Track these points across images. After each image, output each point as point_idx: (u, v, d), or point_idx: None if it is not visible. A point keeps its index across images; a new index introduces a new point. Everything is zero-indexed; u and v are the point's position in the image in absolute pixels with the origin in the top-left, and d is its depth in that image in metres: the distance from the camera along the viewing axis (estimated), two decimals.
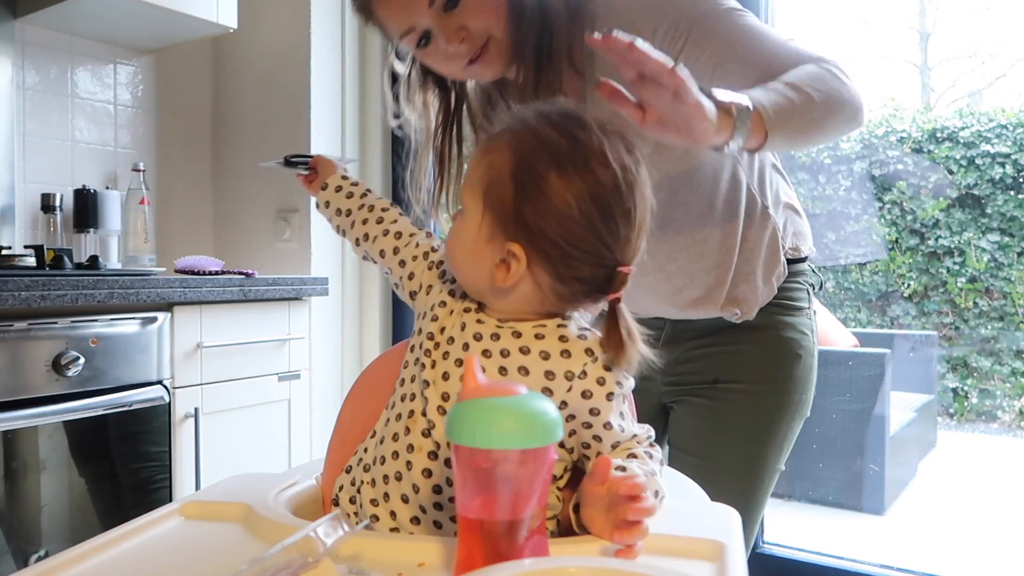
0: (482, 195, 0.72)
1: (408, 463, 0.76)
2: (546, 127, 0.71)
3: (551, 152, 0.70)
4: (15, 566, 1.52)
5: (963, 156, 3.36)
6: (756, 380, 1.16)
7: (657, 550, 0.66)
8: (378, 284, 2.46)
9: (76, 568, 0.64)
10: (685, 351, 1.19)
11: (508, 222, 0.71)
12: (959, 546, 2.80)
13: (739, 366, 1.16)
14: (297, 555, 0.56)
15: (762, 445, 1.16)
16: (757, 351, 1.16)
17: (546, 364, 0.73)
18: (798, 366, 1.16)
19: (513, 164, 0.71)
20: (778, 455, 1.18)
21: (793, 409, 1.17)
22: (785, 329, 1.16)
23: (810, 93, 0.90)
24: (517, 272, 0.71)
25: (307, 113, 2.32)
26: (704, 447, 1.19)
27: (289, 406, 2.11)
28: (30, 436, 1.55)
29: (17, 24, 2.08)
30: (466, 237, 0.74)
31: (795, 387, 1.16)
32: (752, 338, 1.16)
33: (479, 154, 0.75)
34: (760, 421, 1.16)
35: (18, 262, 1.73)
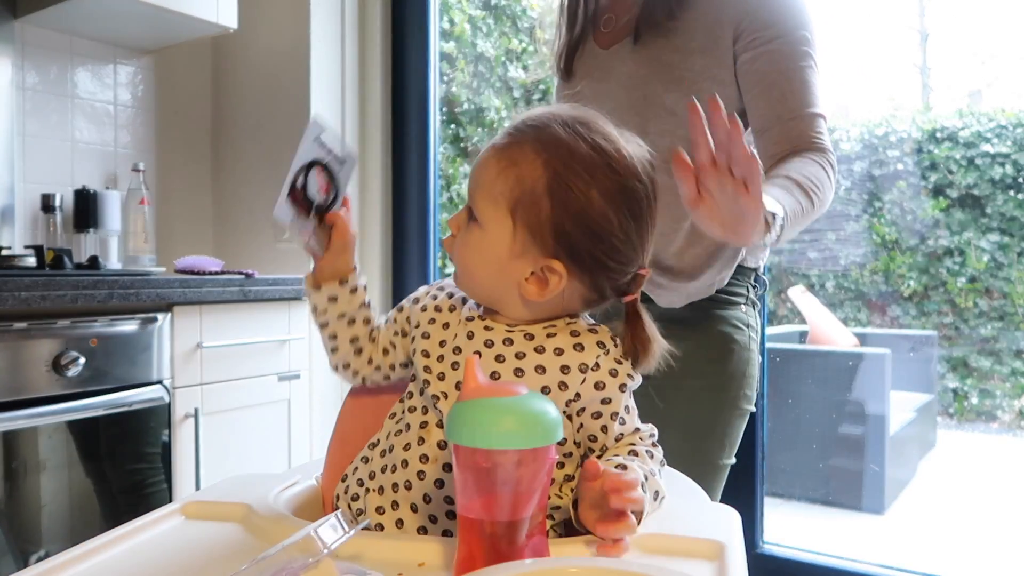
0: (509, 210, 0.72)
1: (420, 472, 0.75)
2: (574, 139, 0.72)
3: (588, 169, 0.71)
4: (15, 566, 1.52)
5: (963, 156, 3.36)
6: (688, 375, 1.09)
7: (657, 550, 0.66)
8: (378, 285, 2.46)
9: (76, 568, 0.64)
10: None
11: (547, 239, 0.72)
12: (959, 546, 2.80)
13: (670, 359, 1.15)
14: (297, 555, 0.56)
15: (700, 440, 1.15)
16: (688, 345, 1.11)
17: (560, 359, 0.74)
18: (731, 360, 1.15)
19: (548, 180, 0.71)
20: (719, 451, 1.16)
21: (728, 403, 1.15)
22: (717, 323, 1.15)
23: (814, 202, 1.00)
24: (557, 287, 0.73)
25: (307, 113, 2.31)
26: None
27: (289, 406, 2.11)
28: (30, 436, 1.55)
29: (17, 24, 2.08)
30: (489, 251, 0.74)
31: (728, 381, 1.15)
32: (684, 333, 1.10)
33: (497, 160, 0.73)
34: (694, 416, 1.14)
35: (18, 262, 1.73)
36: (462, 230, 0.77)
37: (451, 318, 0.80)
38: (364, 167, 2.47)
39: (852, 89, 3.79)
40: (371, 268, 2.46)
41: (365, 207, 2.47)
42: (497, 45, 2.65)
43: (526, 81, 2.61)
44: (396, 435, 0.79)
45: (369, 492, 0.79)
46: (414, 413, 0.79)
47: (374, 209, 2.46)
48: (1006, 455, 3.48)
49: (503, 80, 2.65)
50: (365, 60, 2.44)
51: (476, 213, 0.75)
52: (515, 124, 0.76)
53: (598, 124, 0.74)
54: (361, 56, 2.45)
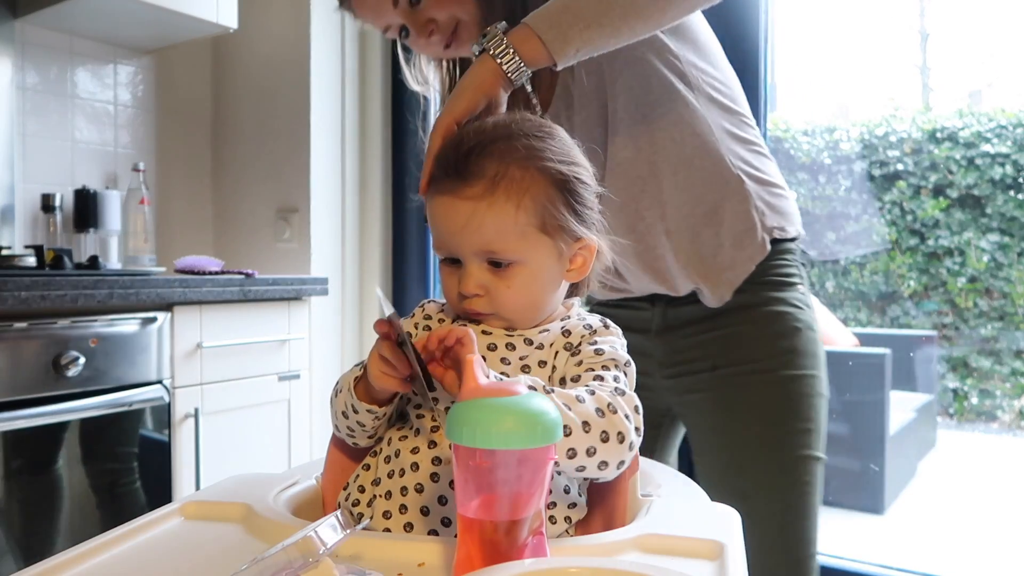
0: (540, 230, 0.75)
1: (434, 475, 0.75)
2: (547, 141, 0.77)
3: (570, 165, 0.78)
4: (15, 566, 1.52)
5: (963, 156, 3.36)
6: (757, 358, 1.10)
7: (657, 550, 0.66)
8: (378, 284, 2.46)
9: (76, 568, 0.64)
10: (680, 338, 1.16)
11: (571, 224, 0.77)
12: (959, 546, 2.80)
13: (736, 348, 1.12)
14: (297, 555, 0.56)
15: (782, 425, 1.09)
16: (752, 329, 1.11)
17: (555, 347, 0.78)
18: (799, 338, 1.10)
19: (556, 188, 0.76)
20: (806, 438, 1.09)
21: (807, 383, 1.09)
22: (777, 304, 1.11)
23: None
24: (590, 260, 0.81)
25: (307, 113, 2.32)
26: (722, 445, 1.12)
27: (289, 406, 2.11)
28: (30, 436, 1.55)
29: (17, 24, 2.08)
30: (543, 276, 0.78)
31: (801, 360, 1.10)
32: (745, 317, 1.11)
33: (494, 201, 0.73)
34: (772, 399, 1.10)
35: (18, 262, 1.73)
36: (492, 282, 0.76)
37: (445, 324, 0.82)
38: (364, 167, 2.47)
39: (852, 89, 3.79)
40: (371, 269, 2.47)
41: (365, 207, 2.47)
42: None
43: None
44: (402, 440, 0.78)
45: (376, 498, 0.78)
46: (422, 419, 0.78)
47: (374, 209, 2.46)
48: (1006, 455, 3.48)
49: None
50: (365, 60, 2.44)
51: (505, 257, 0.75)
52: (466, 166, 0.74)
53: (551, 125, 0.80)
54: (361, 56, 2.44)
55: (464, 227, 0.74)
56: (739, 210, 1.09)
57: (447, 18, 1.04)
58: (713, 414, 1.14)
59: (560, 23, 0.87)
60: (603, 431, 0.67)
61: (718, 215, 1.09)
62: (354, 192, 2.45)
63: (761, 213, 1.10)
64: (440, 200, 0.77)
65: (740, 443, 1.11)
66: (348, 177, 2.43)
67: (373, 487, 0.79)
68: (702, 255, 1.10)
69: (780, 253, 1.12)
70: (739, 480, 1.10)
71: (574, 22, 0.87)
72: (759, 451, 1.10)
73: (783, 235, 1.12)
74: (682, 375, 1.16)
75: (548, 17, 0.87)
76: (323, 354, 2.31)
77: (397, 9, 1.04)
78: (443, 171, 0.77)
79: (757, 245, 1.10)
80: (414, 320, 0.85)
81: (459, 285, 0.77)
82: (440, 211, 0.77)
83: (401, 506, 0.75)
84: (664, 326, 1.17)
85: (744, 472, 1.10)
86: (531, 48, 0.86)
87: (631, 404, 0.71)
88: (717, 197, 1.09)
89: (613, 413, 0.68)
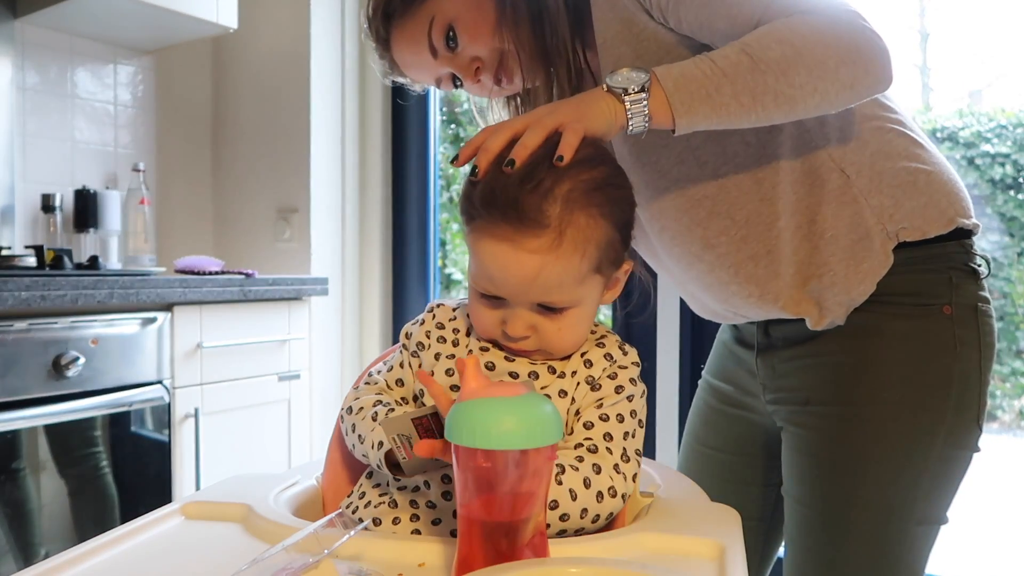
0: (596, 271, 0.73)
1: (445, 493, 0.75)
2: (600, 169, 0.73)
3: (628, 199, 0.76)
4: (15, 566, 1.52)
5: (963, 156, 3.36)
6: (845, 401, 0.91)
7: (657, 550, 0.66)
8: (378, 284, 2.46)
9: (76, 568, 0.64)
10: (782, 361, 0.97)
11: (620, 262, 0.77)
12: (959, 546, 2.80)
13: (832, 382, 0.92)
14: (297, 555, 0.56)
15: (857, 488, 0.90)
16: (853, 363, 0.90)
17: (577, 377, 0.77)
18: (900, 386, 0.88)
19: (617, 231, 0.73)
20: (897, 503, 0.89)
21: (892, 440, 0.88)
22: (892, 338, 0.89)
23: (754, 55, 0.76)
24: (624, 278, 0.79)
25: (307, 113, 2.32)
26: (802, 492, 0.95)
27: (289, 406, 2.11)
28: (30, 436, 1.55)
29: (17, 24, 2.08)
30: (590, 314, 0.77)
31: (891, 411, 0.89)
32: (851, 346, 0.90)
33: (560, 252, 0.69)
34: (849, 455, 0.90)
35: (18, 262, 1.73)
36: (541, 323, 0.74)
37: (461, 344, 0.80)
38: (364, 167, 2.47)
39: None
40: (371, 269, 2.47)
41: (365, 207, 2.47)
42: None
43: None
44: None
45: (380, 506, 0.77)
46: None
47: (374, 209, 2.46)
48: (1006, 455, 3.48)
49: None
50: (365, 60, 2.44)
51: (562, 304, 0.73)
52: (527, 211, 0.68)
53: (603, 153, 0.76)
54: (361, 56, 2.44)
55: (530, 281, 0.70)
56: (845, 216, 0.89)
57: (489, 53, 0.97)
58: (797, 455, 0.96)
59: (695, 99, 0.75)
60: (596, 514, 0.70)
61: (817, 225, 0.89)
62: (354, 192, 2.45)
63: (884, 215, 0.88)
64: (498, 247, 0.69)
65: (814, 499, 0.94)
66: (348, 177, 2.43)
67: (381, 498, 0.78)
68: (800, 287, 0.91)
69: (913, 263, 0.89)
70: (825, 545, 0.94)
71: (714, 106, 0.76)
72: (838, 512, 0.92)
73: (918, 236, 0.88)
74: (780, 402, 0.99)
75: (688, 87, 0.76)
76: (323, 354, 2.31)
77: (439, 59, 0.97)
78: (500, 211, 0.69)
79: (875, 261, 0.88)
80: (425, 328, 0.82)
81: (504, 325, 0.74)
82: (497, 261, 0.70)
83: (412, 515, 0.75)
84: (766, 344, 1.00)
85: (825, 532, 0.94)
86: (660, 115, 0.76)
87: (631, 473, 0.74)
88: (810, 203, 0.90)
89: (612, 497, 0.71)
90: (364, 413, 0.78)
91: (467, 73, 0.98)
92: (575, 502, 0.68)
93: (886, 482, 0.89)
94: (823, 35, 0.77)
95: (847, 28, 0.78)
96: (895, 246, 0.88)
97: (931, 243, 0.89)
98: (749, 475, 1.08)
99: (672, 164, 0.94)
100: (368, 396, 0.80)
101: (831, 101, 0.79)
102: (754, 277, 0.92)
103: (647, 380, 1.77)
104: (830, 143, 0.89)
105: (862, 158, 0.90)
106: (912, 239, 0.88)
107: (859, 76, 0.78)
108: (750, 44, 0.77)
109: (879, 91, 0.81)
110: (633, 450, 0.75)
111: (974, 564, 2.63)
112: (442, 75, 1.00)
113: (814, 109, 0.79)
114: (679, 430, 1.93)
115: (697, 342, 1.91)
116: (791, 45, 0.76)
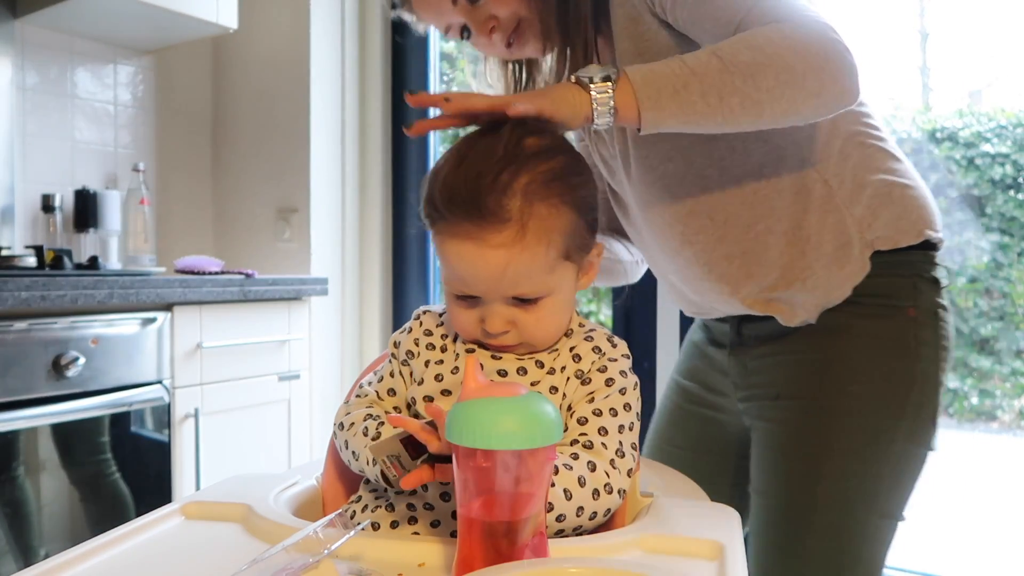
0: (565, 258, 0.74)
1: (444, 495, 0.75)
2: (558, 159, 0.73)
3: (587, 184, 0.76)
4: (15, 566, 1.52)
5: (963, 156, 3.36)
6: (811, 395, 0.95)
7: (657, 550, 0.66)
8: (378, 284, 2.46)
9: (76, 568, 0.64)
10: (753, 359, 1.02)
11: (588, 246, 0.77)
12: (959, 546, 2.80)
13: (801, 377, 0.96)
14: (297, 555, 0.56)
15: (820, 480, 0.94)
16: (822, 359, 0.95)
17: (566, 372, 0.77)
18: (865, 381, 0.93)
19: (579, 215, 0.74)
20: (858, 497, 0.93)
21: (856, 433, 0.93)
22: (859, 336, 0.94)
23: (724, 57, 0.77)
24: (598, 261, 0.80)
25: (307, 113, 2.32)
26: (767, 485, 0.99)
27: (289, 406, 2.11)
28: (30, 436, 1.55)
29: (17, 24, 2.08)
30: (567, 300, 0.77)
31: (855, 404, 0.93)
32: (822, 343, 0.95)
33: (525, 244, 0.70)
34: (814, 447, 0.94)
35: (18, 262, 1.73)
36: (519, 316, 0.74)
37: (450, 351, 0.80)
38: (364, 167, 2.47)
39: None
40: (371, 269, 2.47)
41: (365, 207, 2.47)
42: None
43: None
44: None
45: (378, 510, 0.77)
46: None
47: (374, 209, 2.46)
48: (1006, 455, 3.48)
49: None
50: (365, 60, 2.44)
51: (535, 295, 0.73)
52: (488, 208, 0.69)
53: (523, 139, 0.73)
54: (361, 56, 2.44)
55: (495, 277, 0.71)
56: (828, 223, 0.93)
57: (508, 15, 0.97)
58: (764, 450, 1.00)
59: (662, 94, 0.77)
60: (593, 512, 0.70)
61: (803, 231, 0.93)
62: (354, 192, 2.45)
63: (864, 223, 0.94)
64: (462, 246, 0.71)
65: (777, 492, 0.98)
66: (348, 177, 2.43)
67: (377, 501, 0.79)
68: (778, 289, 0.95)
69: (888, 267, 0.94)
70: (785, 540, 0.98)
71: (681, 104, 0.77)
72: (794, 505, 0.96)
73: (893, 244, 0.94)
74: (751, 399, 1.03)
75: (655, 82, 0.77)
76: (323, 354, 2.31)
77: (457, 7, 0.97)
78: (462, 210, 0.69)
79: (854, 266, 0.93)
80: (413, 336, 0.82)
81: (484, 323, 0.74)
82: (464, 259, 0.71)
83: (410, 518, 0.75)
84: (738, 342, 1.04)
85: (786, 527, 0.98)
86: (626, 109, 0.77)
87: (626, 468, 0.73)
88: (795, 210, 0.94)
89: (609, 493, 0.70)
90: (356, 429, 0.78)
91: (481, 29, 0.99)
92: (570, 501, 0.68)
93: (849, 474, 0.93)
94: (793, 43, 0.78)
95: (818, 39, 0.79)
96: (870, 254, 0.93)
97: (900, 251, 0.94)
98: (716, 475, 1.10)
99: (660, 160, 0.97)
100: (359, 411, 0.80)
101: (798, 109, 0.80)
102: (726, 276, 0.97)
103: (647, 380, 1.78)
104: (814, 155, 0.93)
105: (844, 170, 0.94)
106: (885, 248, 0.93)
107: (826, 85, 0.79)
108: (722, 48, 0.78)
109: (846, 103, 0.82)
110: (629, 444, 0.74)
111: (974, 564, 2.63)
112: (453, 23, 1.01)
113: (781, 116, 0.80)
114: None
115: None
116: (761, 51, 0.77)
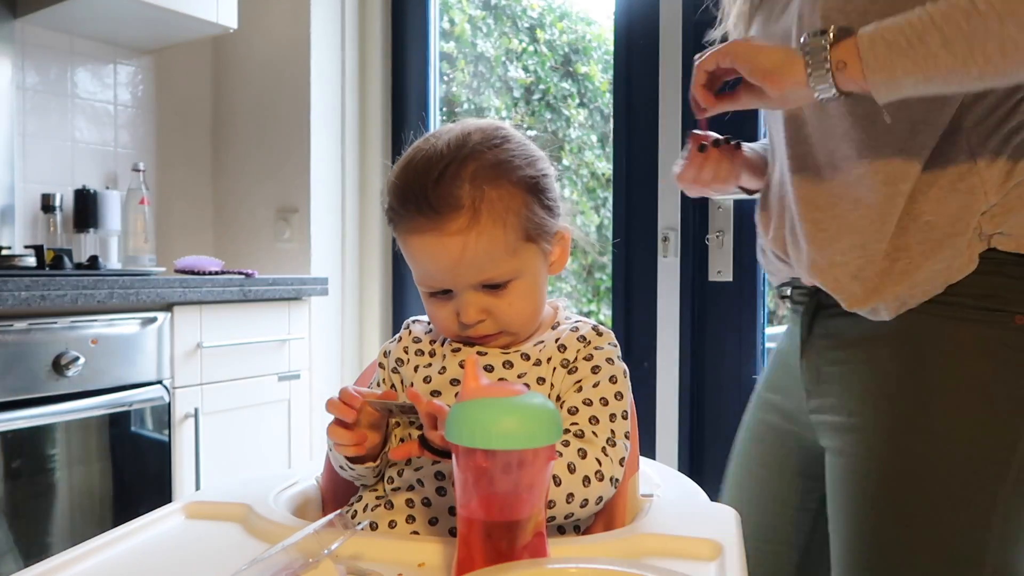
0: (526, 240, 0.75)
1: (440, 489, 0.75)
2: (506, 146, 0.75)
3: (535, 165, 0.77)
4: (16, 566, 1.52)
5: None
6: (893, 427, 0.79)
7: (657, 550, 0.66)
8: (378, 284, 2.46)
9: (76, 568, 0.64)
10: (827, 363, 0.87)
11: (550, 228, 0.77)
12: None
13: (879, 397, 0.81)
14: (297, 555, 0.56)
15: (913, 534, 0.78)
16: (904, 375, 0.79)
17: (552, 362, 0.77)
18: (966, 411, 0.76)
19: (530, 194, 0.75)
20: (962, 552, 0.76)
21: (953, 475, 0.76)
22: (953, 345, 0.77)
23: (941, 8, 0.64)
24: (567, 247, 0.80)
25: (307, 113, 2.32)
26: (848, 532, 0.84)
27: (289, 406, 2.11)
28: (30, 436, 1.55)
29: (17, 24, 2.08)
30: (539, 283, 0.77)
31: (949, 445, 0.76)
32: (903, 354, 0.79)
33: (481, 230, 0.71)
34: (901, 495, 0.78)
35: (18, 262, 1.73)
36: (492, 303, 0.75)
37: (438, 351, 0.81)
38: (364, 167, 2.47)
39: None
40: (371, 269, 2.47)
41: (365, 207, 2.47)
42: (497, 45, 2.65)
43: (525, 80, 2.62)
44: (406, 463, 0.78)
45: (377, 508, 0.78)
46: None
47: (374, 209, 2.46)
48: None
49: (503, 80, 2.65)
50: (365, 60, 2.44)
51: (502, 279, 0.74)
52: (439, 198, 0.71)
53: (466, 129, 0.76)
54: (361, 56, 2.44)
55: (458, 263, 0.72)
56: (955, 202, 0.76)
57: None
58: (833, 484, 0.86)
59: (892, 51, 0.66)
60: (584, 499, 0.70)
61: (916, 204, 0.77)
62: (354, 192, 2.45)
63: (989, 212, 0.76)
64: (421, 240, 0.73)
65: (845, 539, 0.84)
66: (348, 177, 2.43)
67: (377, 501, 0.79)
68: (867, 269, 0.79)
69: (997, 265, 0.76)
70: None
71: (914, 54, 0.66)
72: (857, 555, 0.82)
73: (1014, 247, 0.76)
74: (822, 412, 0.88)
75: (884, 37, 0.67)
76: (323, 354, 2.31)
77: None
78: (415, 206, 0.72)
79: (964, 258, 0.76)
80: (403, 344, 0.84)
81: (459, 315, 0.75)
82: (426, 252, 0.73)
83: (408, 516, 0.75)
84: (809, 342, 0.89)
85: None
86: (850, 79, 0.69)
87: (618, 457, 0.72)
88: (926, 177, 0.77)
89: (600, 481, 0.70)
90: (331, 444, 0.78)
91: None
92: (559, 487, 0.68)
93: (948, 526, 0.76)
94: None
95: None
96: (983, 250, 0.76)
97: (1018, 256, 0.76)
98: (785, 495, 0.98)
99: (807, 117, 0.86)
100: None
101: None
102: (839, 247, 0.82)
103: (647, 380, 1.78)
104: (977, 123, 0.77)
105: (1003, 151, 0.76)
106: (1006, 248, 0.76)
107: None
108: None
109: None
110: (622, 432, 0.74)
111: None
112: None
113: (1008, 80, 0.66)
114: (679, 430, 1.92)
115: (697, 342, 1.91)
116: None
